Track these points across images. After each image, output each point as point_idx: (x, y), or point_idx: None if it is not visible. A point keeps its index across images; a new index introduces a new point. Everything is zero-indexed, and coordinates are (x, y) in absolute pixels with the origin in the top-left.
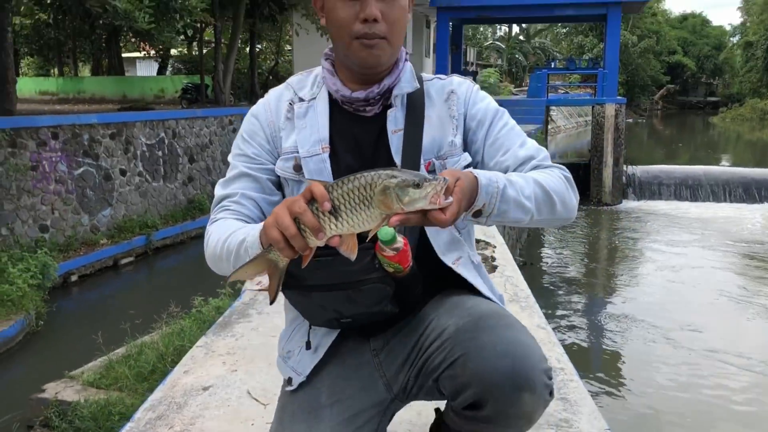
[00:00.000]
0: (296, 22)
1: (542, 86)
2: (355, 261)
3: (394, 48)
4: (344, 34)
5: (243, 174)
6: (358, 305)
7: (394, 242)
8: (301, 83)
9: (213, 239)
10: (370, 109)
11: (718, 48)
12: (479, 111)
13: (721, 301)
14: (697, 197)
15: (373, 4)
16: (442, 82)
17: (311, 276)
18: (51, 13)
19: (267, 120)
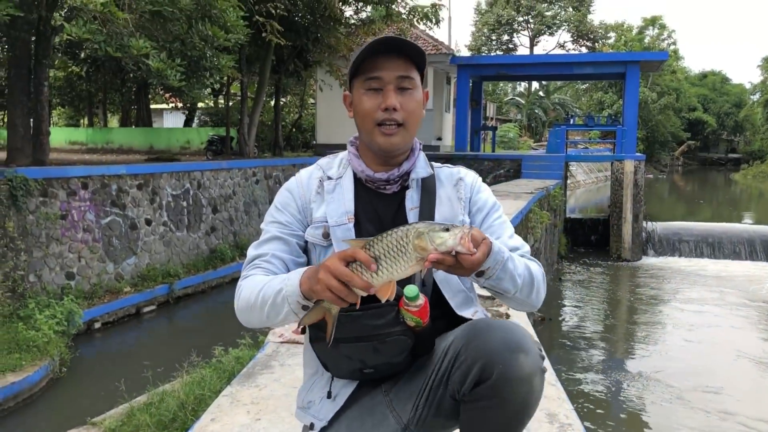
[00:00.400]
0: (320, 78)
1: (561, 142)
2: (382, 316)
3: (410, 134)
4: (368, 122)
5: (275, 237)
6: (382, 356)
7: (417, 299)
8: (329, 164)
9: (246, 292)
10: (389, 188)
11: (739, 105)
12: (480, 199)
13: (739, 362)
14: (717, 255)
15: (393, 96)
16: (450, 169)
17: (341, 329)
18: (84, 67)
19: (299, 194)
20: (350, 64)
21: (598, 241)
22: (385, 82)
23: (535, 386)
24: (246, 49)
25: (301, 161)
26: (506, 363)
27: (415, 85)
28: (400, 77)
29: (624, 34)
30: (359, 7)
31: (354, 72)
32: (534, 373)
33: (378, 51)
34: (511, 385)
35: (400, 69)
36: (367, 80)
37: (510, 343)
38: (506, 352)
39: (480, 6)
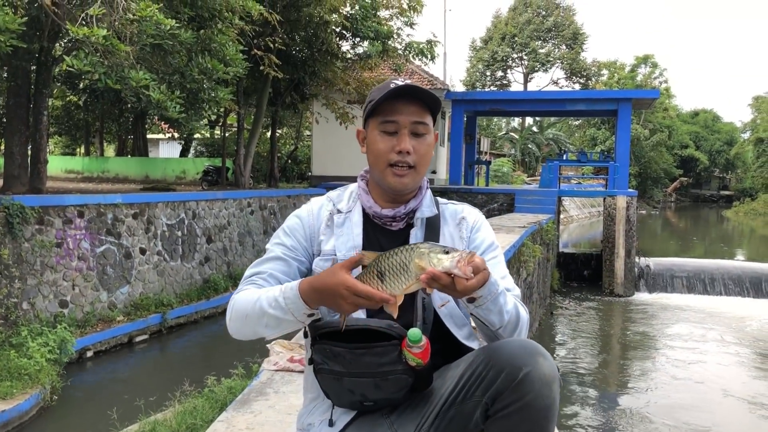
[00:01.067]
0: (316, 111)
1: (554, 177)
2: (385, 354)
3: (420, 176)
4: (381, 162)
5: (277, 257)
6: (382, 392)
7: (420, 342)
8: (340, 197)
9: (240, 303)
10: (395, 224)
11: (730, 143)
12: (478, 238)
13: (727, 400)
14: (709, 291)
15: (407, 140)
16: (455, 207)
17: (345, 364)
18: (82, 97)
19: (309, 223)
20: (367, 102)
21: (591, 276)
22: (400, 125)
23: (555, 392)
24: (244, 82)
25: (296, 193)
26: (530, 365)
27: (429, 130)
28: (415, 122)
29: (616, 71)
30: (356, 42)
31: (370, 111)
32: (554, 378)
33: (396, 95)
34: (535, 385)
35: (415, 114)
36: (383, 122)
37: (530, 348)
38: (528, 356)
39: (475, 42)
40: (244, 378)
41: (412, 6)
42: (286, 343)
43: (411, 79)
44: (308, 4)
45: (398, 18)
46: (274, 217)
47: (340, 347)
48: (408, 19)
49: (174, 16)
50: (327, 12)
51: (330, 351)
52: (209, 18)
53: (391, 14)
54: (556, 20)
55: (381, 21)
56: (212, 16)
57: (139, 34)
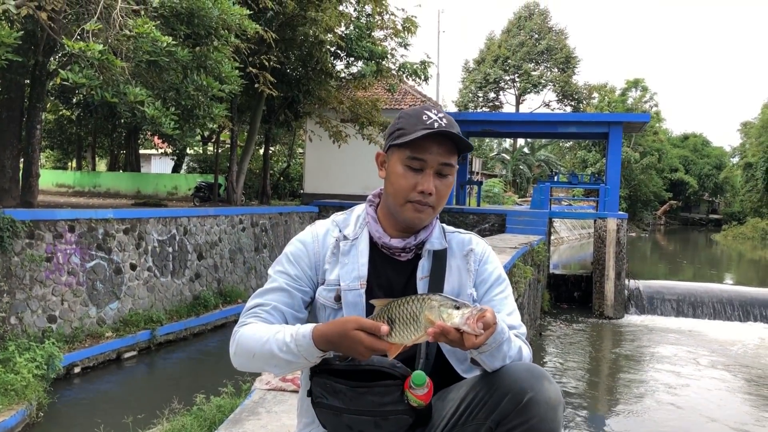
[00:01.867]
0: (310, 129)
1: (545, 198)
2: (387, 394)
3: (436, 213)
4: (401, 197)
5: (281, 289)
6: (382, 430)
7: (424, 384)
8: (346, 222)
9: (246, 340)
10: (404, 255)
11: (719, 167)
12: (485, 271)
13: (715, 426)
14: (698, 314)
15: (432, 181)
16: (462, 237)
17: (346, 401)
18: (76, 111)
19: (314, 250)
20: (394, 129)
21: (581, 298)
22: (428, 164)
23: (560, 416)
24: (238, 99)
25: (288, 210)
26: (535, 388)
27: (453, 171)
28: (442, 164)
29: (607, 95)
30: (350, 61)
31: (398, 142)
32: (559, 402)
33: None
34: (540, 409)
35: (444, 156)
36: (410, 158)
37: (535, 372)
38: (533, 379)
39: (468, 64)
40: (234, 396)
41: (407, 27)
42: None
43: (404, 100)
44: (303, 23)
45: (392, 38)
46: (265, 234)
47: (341, 384)
48: (402, 39)
49: (170, 33)
50: (322, 32)
51: (330, 386)
52: (205, 35)
53: (385, 35)
54: (548, 43)
55: (375, 41)
56: (208, 33)
57: (135, 51)
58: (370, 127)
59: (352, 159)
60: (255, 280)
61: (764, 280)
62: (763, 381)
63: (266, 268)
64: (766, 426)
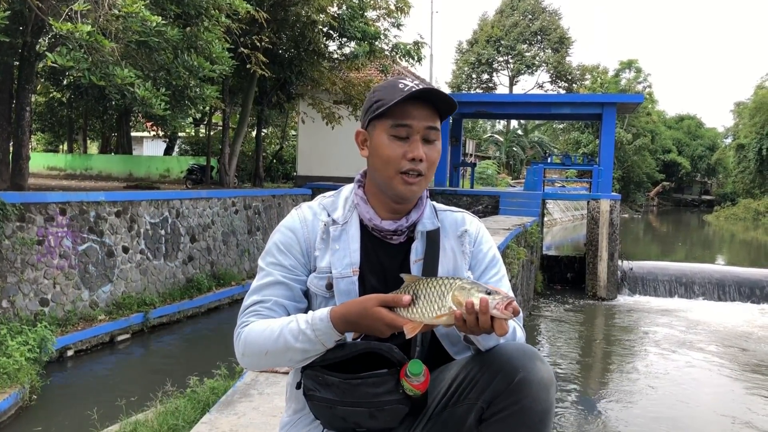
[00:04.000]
0: (302, 111)
1: (538, 180)
2: (381, 384)
3: (428, 183)
4: (390, 169)
5: (278, 282)
6: (377, 421)
7: (420, 373)
8: (334, 205)
9: (256, 338)
10: (396, 238)
11: (712, 148)
12: (480, 252)
13: (707, 406)
14: (690, 295)
15: (420, 147)
16: (454, 216)
17: (339, 393)
18: (66, 93)
19: (304, 236)
20: (372, 102)
21: (574, 279)
22: (414, 131)
23: (551, 397)
24: (229, 80)
25: (281, 192)
26: (526, 368)
27: (439, 136)
28: (428, 128)
29: (600, 76)
30: (343, 42)
31: (377, 113)
32: (551, 383)
33: (408, 99)
34: (532, 388)
35: (428, 119)
36: (395, 126)
37: (528, 352)
38: (525, 359)
39: (461, 45)
40: (227, 378)
41: (400, 7)
42: None
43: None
44: (295, 3)
45: (385, 19)
46: (258, 217)
47: (334, 377)
48: (395, 20)
49: (160, 12)
50: (314, 11)
51: (323, 379)
52: (196, 15)
53: (378, 15)
54: (542, 24)
55: (368, 22)
56: (199, 13)
57: (125, 31)
58: None
59: (345, 141)
60: (248, 262)
61: (756, 260)
62: (755, 361)
63: (259, 250)
64: (756, 405)
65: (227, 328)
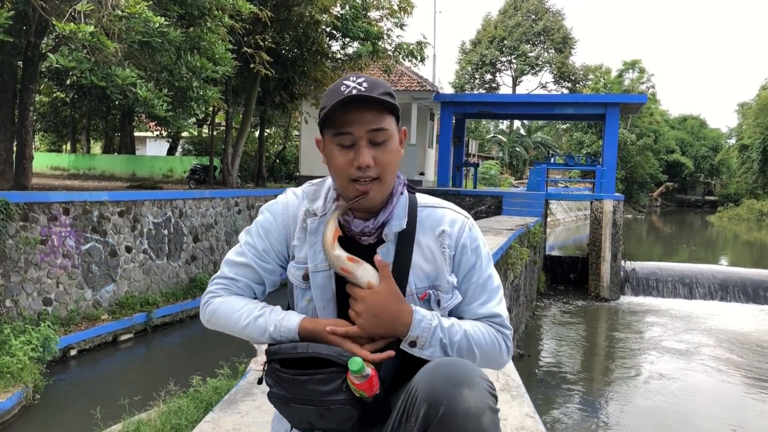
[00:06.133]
0: (305, 111)
1: (541, 180)
2: (327, 383)
3: (386, 186)
4: (342, 178)
5: (249, 266)
6: (327, 421)
7: (361, 371)
8: (315, 194)
9: (223, 315)
10: (366, 239)
11: (715, 149)
12: (464, 257)
13: (710, 406)
14: (693, 295)
15: (366, 153)
16: (436, 213)
17: (291, 390)
18: (70, 93)
19: (284, 222)
20: (320, 108)
21: (577, 280)
22: (356, 137)
23: (485, 424)
24: (232, 80)
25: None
26: (450, 398)
27: (390, 135)
28: (372, 131)
29: (603, 76)
30: (346, 42)
31: (323, 121)
32: (482, 410)
33: (346, 105)
34: (457, 421)
35: (371, 122)
36: (337, 135)
37: (452, 377)
38: (449, 386)
39: (464, 45)
40: (230, 378)
41: (403, 7)
42: None
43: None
44: (299, 3)
45: (388, 19)
46: None
47: (285, 373)
48: (398, 20)
49: (163, 13)
50: (317, 12)
51: (277, 375)
52: (198, 16)
53: (381, 15)
54: (545, 24)
55: (371, 22)
56: (202, 14)
57: (128, 32)
58: None
59: None
60: None
61: (759, 261)
62: (758, 362)
63: None
64: (760, 406)
65: None
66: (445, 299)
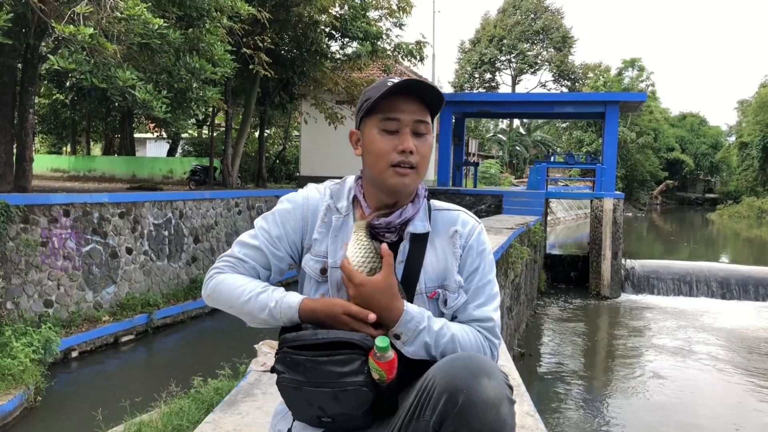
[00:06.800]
0: (305, 111)
1: (542, 179)
2: (347, 363)
3: (420, 177)
4: (382, 162)
5: (260, 250)
6: (341, 405)
7: (387, 350)
8: (339, 194)
9: (226, 291)
10: (389, 236)
11: (715, 147)
12: (469, 258)
13: (711, 405)
14: (694, 293)
15: (410, 139)
16: (449, 215)
17: (306, 374)
18: (69, 95)
19: (302, 214)
20: (362, 101)
21: (578, 278)
22: (402, 124)
23: (504, 414)
24: (232, 81)
25: (285, 193)
26: (469, 388)
27: (429, 129)
28: (417, 121)
29: (603, 74)
30: (345, 42)
31: (368, 110)
32: (500, 399)
33: (397, 92)
34: (476, 410)
35: (417, 113)
36: (384, 120)
37: (472, 368)
38: (468, 377)
39: (464, 44)
40: (231, 379)
41: (402, 7)
42: (274, 343)
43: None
44: (298, 3)
45: (387, 19)
46: None
47: (302, 355)
48: (397, 19)
49: (162, 15)
50: (316, 12)
51: (291, 360)
52: (197, 17)
53: (380, 15)
54: (544, 23)
55: (370, 21)
56: (201, 15)
57: (127, 33)
58: None
59: (347, 141)
60: None
61: (760, 258)
62: (759, 359)
63: None
64: (760, 404)
65: (231, 329)
66: (452, 298)
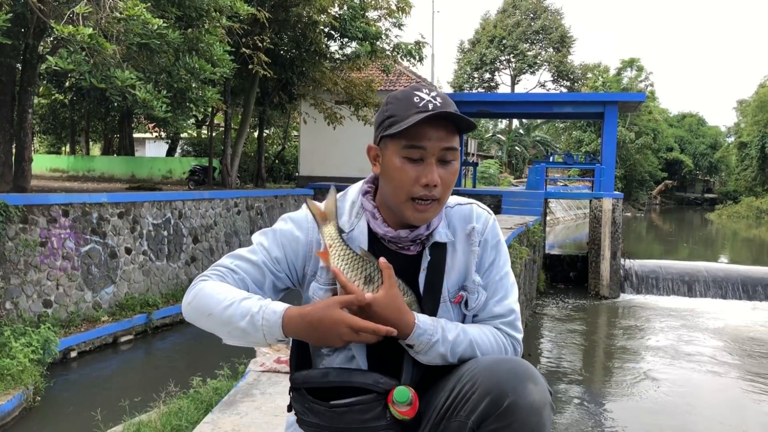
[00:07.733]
0: (304, 111)
1: (541, 179)
2: (368, 411)
3: (442, 206)
4: (402, 193)
5: (257, 265)
6: None
7: (407, 400)
8: (341, 211)
9: (207, 297)
10: (414, 248)
11: (714, 147)
12: (485, 253)
13: (710, 405)
14: (692, 293)
15: (435, 171)
16: (463, 211)
17: (326, 420)
18: (68, 95)
19: (307, 240)
20: (384, 117)
21: (577, 278)
22: (428, 153)
23: (545, 419)
24: (231, 81)
25: (284, 193)
26: (516, 392)
27: (456, 155)
28: (444, 149)
29: (601, 74)
30: (344, 42)
31: (390, 131)
32: (544, 404)
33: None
34: (522, 414)
35: (445, 140)
36: (407, 148)
37: (519, 372)
38: (515, 380)
39: (463, 44)
40: (230, 379)
41: (401, 7)
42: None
43: (399, 81)
44: (297, 4)
45: (386, 19)
46: (260, 218)
47: (319, 405)
48: (396, 20)
49: (161, 15)
50: (315, 12)
51: (309, 406)
52: (197, 17)
53: (379, 15)
54: (544, 23)
55: (369, 22)
56: (200, 15)
57: (126, 33)
58: (365, 109)
59: (347, 141)
60: None
61: (758, 258)
62: (758, 359)
63: None
64: (759, 403)
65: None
66: (473, 299)
